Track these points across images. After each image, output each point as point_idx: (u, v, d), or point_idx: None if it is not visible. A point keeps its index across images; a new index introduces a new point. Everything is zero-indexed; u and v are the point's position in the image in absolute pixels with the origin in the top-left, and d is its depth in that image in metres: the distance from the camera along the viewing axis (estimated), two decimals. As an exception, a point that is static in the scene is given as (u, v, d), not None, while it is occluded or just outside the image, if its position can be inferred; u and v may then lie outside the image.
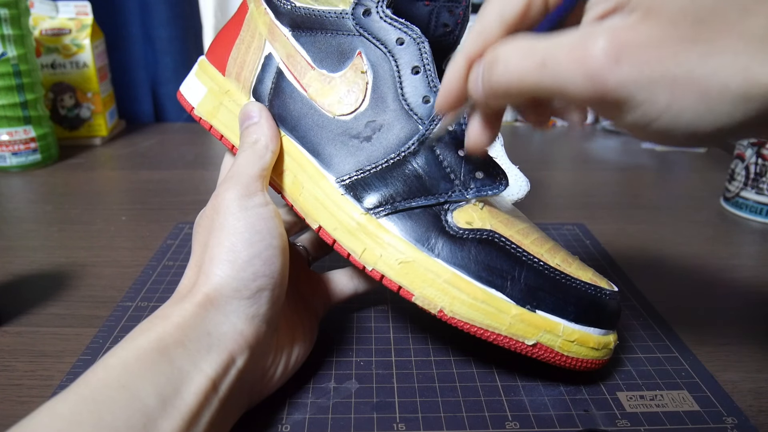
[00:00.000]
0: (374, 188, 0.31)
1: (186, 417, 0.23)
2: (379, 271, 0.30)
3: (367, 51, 0.32)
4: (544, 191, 0.63)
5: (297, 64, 0.33)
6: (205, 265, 0.28)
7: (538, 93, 0.22)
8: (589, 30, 0.20)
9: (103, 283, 0.43)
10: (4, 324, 0.38)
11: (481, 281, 0.30)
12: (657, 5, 0.19)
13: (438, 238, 0.30)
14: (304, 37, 0.33)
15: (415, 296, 0.30)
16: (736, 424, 0.30)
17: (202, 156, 0.75)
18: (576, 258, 0.33)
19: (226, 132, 0.36)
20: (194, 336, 0.26)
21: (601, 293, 0.31)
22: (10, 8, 0.62)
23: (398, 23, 0.31)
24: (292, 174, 0.33)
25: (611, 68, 0.19)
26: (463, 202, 0.31)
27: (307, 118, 0.33)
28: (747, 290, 0.44)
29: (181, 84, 0.39)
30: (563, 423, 0.30)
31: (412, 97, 0.31)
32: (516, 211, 0.34)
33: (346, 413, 0.30)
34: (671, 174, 0.71)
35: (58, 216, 0.55)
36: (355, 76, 0.32)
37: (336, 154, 0.32)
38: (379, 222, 0.31)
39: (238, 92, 0.35)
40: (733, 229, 0.54)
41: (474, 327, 0.29)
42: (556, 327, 0.29)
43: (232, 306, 0.27)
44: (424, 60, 0.31)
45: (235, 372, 0.26)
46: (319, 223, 0.32)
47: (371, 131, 0.32)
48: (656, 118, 0.20)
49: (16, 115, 0.66)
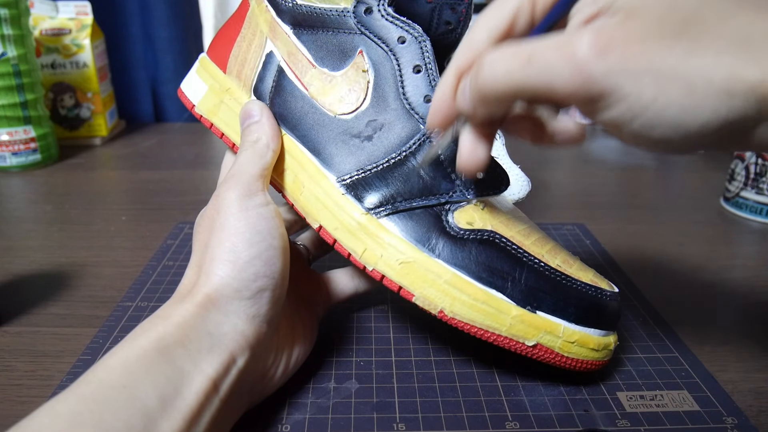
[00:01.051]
0: (375, 188, 0.31)
1: (186, 417, 0.23)
2: (379, 271, 0.30)
3: (369, 49, 0.32)
4: (544, 191, 0.63)
5: (298, 63, 0.33)
6: (206, 265, 0.28)
7: (525, 91, 0.22)
8: (574, 31, 0.21)
9: (103, 283, 0.43)
10: (4, 324, 0.38)
11: (481, 282, 0.29)
12: (639, 7, 0.20)
13: (439, 239, 0.30)
14: (305, 35, 0.33)
15: (416, 297, 0.30)
16: (736, 424, 0.30)
17: (202, 156, 0.75)
18: (577, 259, 0.33)
19: (226, 130, 0.36)
20: (195, 336, 0.26)
21: (601, 294, 0.31)
22: (10, 8, 0.62)
23: (400, 21, 0.31)
24: (293, 173, 0.33)
25: (597, 60, 0.20)
26: (464, 203, 0.31)
27: (308, 117, 0.33)
28: (747, 290, 0.44)
29: (182, 81, 0.39)
30: (563, 423, 0.30)
31: (414, 96, 0.31)
32: (517, 211, 0.34)
33: (346, 413, 0.30)
34: (671, 174, 0.71)
35: (58, 216, 0.55)
36: (357, 74, 0.32)
37: (337, 153, 0.32)
38: (379, 222, 0.31)
39: (239, 90, 0.35)
40: (733, 229, 0.54)
41: (474, 328, 0.29)
42: (557, 328, 0.29)
43: (233, 306, 0.27)
44: (425, 59, 0.31)
45: (236, 372, 0.26)
46: (320, 223, 0.32)
47: (372, 130, 0.32)
48: (641, 113, 0.20)
49: (16, 115, 0.66)
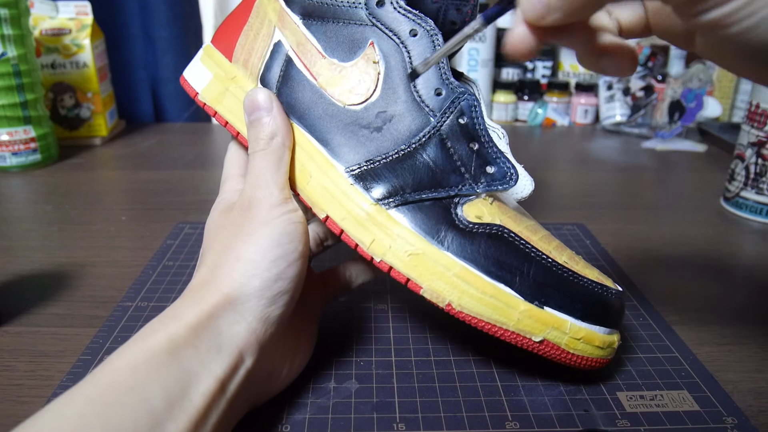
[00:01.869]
0: (384, 179, 0.31)
1: (193, 419, 0.23)
2: (387, 262, 0.30)
3: (380, 41, 0.32)
4: (544, 191, 0.63)
5: (307, 53, 0.33)
6: (228, 265, 0.28)
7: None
8: None
9: (103, 283, 0.43)
10: (4, 324, 0.38)
11: (490, 276, 0.29)
12: None
13: (448, 231, 0.30)
14: (315, 25, 0.33)
15: (423, 289, 0.30)
16: (736, 424, 0.30)
17: (202, 156, 0.75)
18: (580, 257, 0.33)
19: (231, 118, 0.35)
20: (206, 336, 0.26)
21: (607, 292, 0.31)
22: (10, 8, 0.62)
23: (412, 15, 0.31)
24: (300, 163, 0.32)
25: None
26: (473, 196, 0.31)
27: (317, 107, 0.32)
28: (747, 290, 0.44)
29: (185, 69, 0.38)
30: (563, 423, 0.30)
31: (424, 89, 0.31)
32: (521, 208, 0.34)
33: (346, 413, 0.30)
34: (671, 174, 0.71)
35: (58, 216, 0.55)
36: (367, 65, 0.32)
37: (345, 143, 0.32)
38: (388, 213, 0.30)
39: (245, 79, 0.35)
40: (733, 229, 0.54)
41: (482, 322, 0.29)
42: (564, 324, 0.29)
43: (251, 305, 0.27)
44: (437, 52, 0.31)
45: (243, 372, 0.27)
46: (327, 213, 0.31)
47: (382, 122, 0.31)
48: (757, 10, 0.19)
49: (16, 115, 0.66)
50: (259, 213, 0.29)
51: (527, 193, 0.48)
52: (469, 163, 0.31)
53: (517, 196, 0.48)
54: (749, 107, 0.55)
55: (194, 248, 0.48)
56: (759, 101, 0.54)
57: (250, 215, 0.29)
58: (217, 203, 0.33)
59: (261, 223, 0.29)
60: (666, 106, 0.81)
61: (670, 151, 0.78)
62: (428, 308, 0.31)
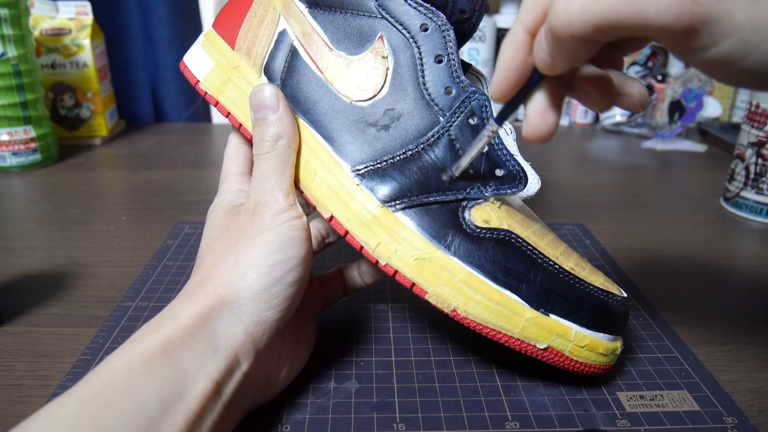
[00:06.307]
0: (391, 180, 0.30)
1: (189, 420, 0.23)
2: (393, 266, 0.30)
3: (389, 35, 0.31)
4: (544, 191, 0.63)
5: (313, 44, 0.32)
6: (227, 267, 0.28)
7: (609, 24, 0.19)
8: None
9: (103, 283, 0.43)
10: (4, 324, 0.38)
11: (496, 282, 0.29)
12: None
13: (455, 236, 0.29)
14: (321, 14, 0.32)
15: (429, 294, 0.29)
16: (736, 424, 0.30)
17: (202, 156, 0.75)
18: (587, 261, 0.32)
19: (233, 109, 0.34)
20: (202, 337, 0.26)
21: (612, 299, 0.30)
22: (10, 8, 0.62)
23: (423, 8, 0.30)
24: (305, 160, 0.32)
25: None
26: (481, 200, 0.30)
27: (323, 101, 0.31)
28: (747, 290, 0.44)
29: (185, 54, 0.37)
30: (563, 423, 0.30)
31: (434, 87, 0.30)
32: (527, 209, 0.34)
33: (346, 413, 0.30)
34: (671, 174, 0.71)
35: (58, 216, 0.55)
36: (375, 60, 0.31)
37: (352, 141, 0.31)
38: (395, 216, 0.30)
39: (248, 68, 0.33)
40: (733, 229, 0.54)
41: (486, 328, 0.29)
42: (569, 332, 0.29)
43: (248, 308, 0.27)
44: (448, 49, 0.30)
45: (239, 375, 0.26)
46: (332, 213, 0.31)
47: (389, 120, 0.30)
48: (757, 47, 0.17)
49: (16, 115, 0.66)
50: (263, 219, 0.29)
51: (533, 191, 0.48)
52: (478, 165, 0.30)
53: (523, 194, 0.48)
54: (749, 107, 0.55)
55: (194, 248, 0.48)
56: (759, 101, 0.54)
57: (254, 220, 0.29)
58: (216, 202, 0.33)
59: (263, 229, 0.29)
60: (666, 106, 0.81)
61: (670, 151, 0.78)
62: (428, 308, 0.31)
